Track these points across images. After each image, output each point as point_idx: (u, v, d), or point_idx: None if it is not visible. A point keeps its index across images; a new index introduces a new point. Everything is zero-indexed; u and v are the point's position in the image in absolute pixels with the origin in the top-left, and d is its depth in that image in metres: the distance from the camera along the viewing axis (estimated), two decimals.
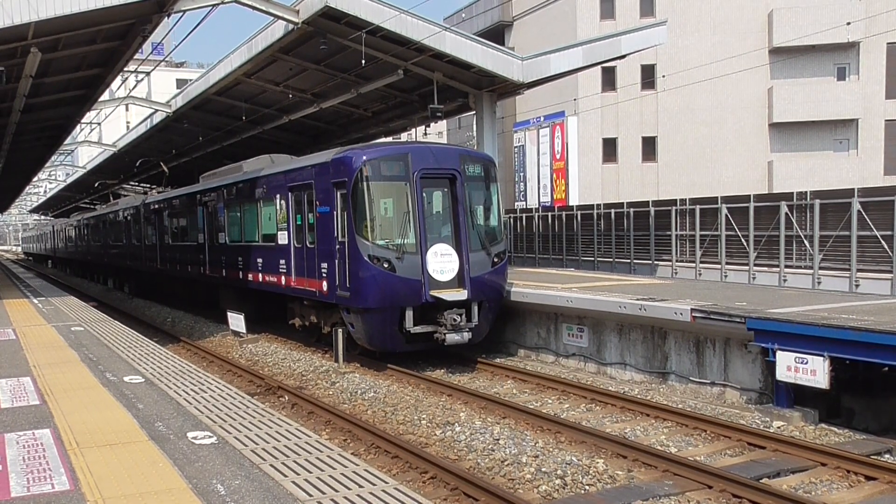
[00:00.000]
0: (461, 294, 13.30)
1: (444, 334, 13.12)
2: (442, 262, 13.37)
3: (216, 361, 15.59)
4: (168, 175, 32.17)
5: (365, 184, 13.30)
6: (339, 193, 13.78)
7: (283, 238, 16.36)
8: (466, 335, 13.30)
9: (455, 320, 13.10)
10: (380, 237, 13.33)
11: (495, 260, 13.97)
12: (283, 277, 16.38)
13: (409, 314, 13.22)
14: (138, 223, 29.60)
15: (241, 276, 19.11)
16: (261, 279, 17.75)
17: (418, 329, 13.32)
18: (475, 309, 13.60)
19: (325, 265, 14.32)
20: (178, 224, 25.24)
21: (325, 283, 14.35)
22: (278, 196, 16.55)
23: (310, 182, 14.99)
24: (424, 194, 13.56)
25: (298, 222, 15.62)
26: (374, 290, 13.08)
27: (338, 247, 13.81)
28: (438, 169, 13.74)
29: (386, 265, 13.04)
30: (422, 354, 14.29)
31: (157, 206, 27.16)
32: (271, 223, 17.07)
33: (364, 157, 13.45)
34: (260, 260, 17.78)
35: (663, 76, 30.25)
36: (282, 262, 16.36)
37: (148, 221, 28.30)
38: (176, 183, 32.65)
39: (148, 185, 41.54)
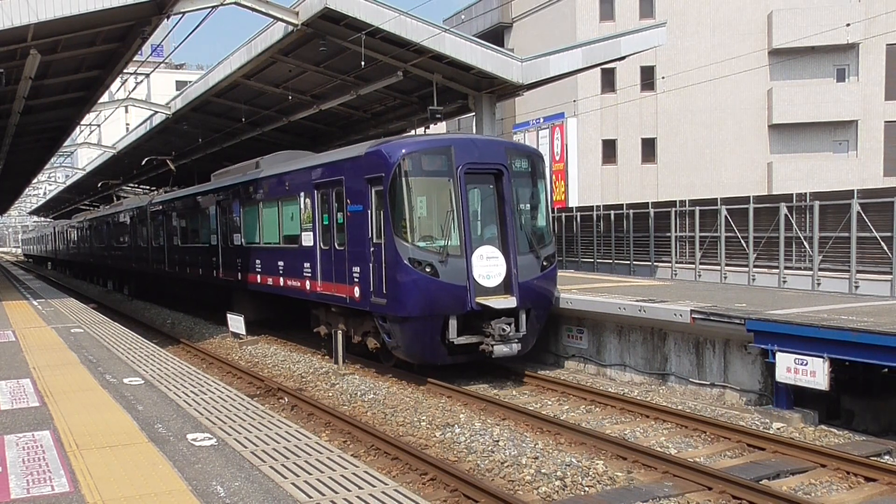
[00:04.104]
0: (510, 301, 12.18)
1: (492, 346, 12.02)
2: (488, 265, 12.25)
3: (216, 363, 15.58)
4: (175, 173, 31.34)
5: (404, 179, 12.11)
6: (373, 190, 12.66)
7: (307, 239, 15.26)
8: (515, 347, 12.21)
9: (504, 330, 11.99)
10: (421, 238, 12.16)
11: (544, 263, 12.82)
12: (307, 282, 15.28)
13: (453, 323, 12.10)
14: (144, 224, 28.86)
15: (259, 280, 18.06)
16: (282, 283, 16.65)
17: (462, 340, 12.20)
18: (523, 318, 12.49)
19: (357, 269, 13.24)
20: (188, 225, 24.30)
21: (356, 289, 13.25)
22: (302, 194, 15.42)
23: (339, 178, 13.84)
24: (468, 191, 12.46)
25: (325, 222, 14.51)
26: (414, 296, 11.94)
27: (372, 249, 12.70)
28: (483, 163, 12.57)
29: (428, 269, 11.89)
30: None
31: (165, 207, 26.24)
32: (294, 223, 16.00)
33: (403, 150, 12.25)
34: (281, 263, 16.68)
35: (663, 77, 30.26)
36: (306, 265, 15.28)
37: (155, 222, 27.49)
38: (175, 184, 32.57)
39: (148, 187, 41.50)
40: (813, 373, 9.48)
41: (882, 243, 16.15)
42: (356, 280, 13.28)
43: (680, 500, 7.46)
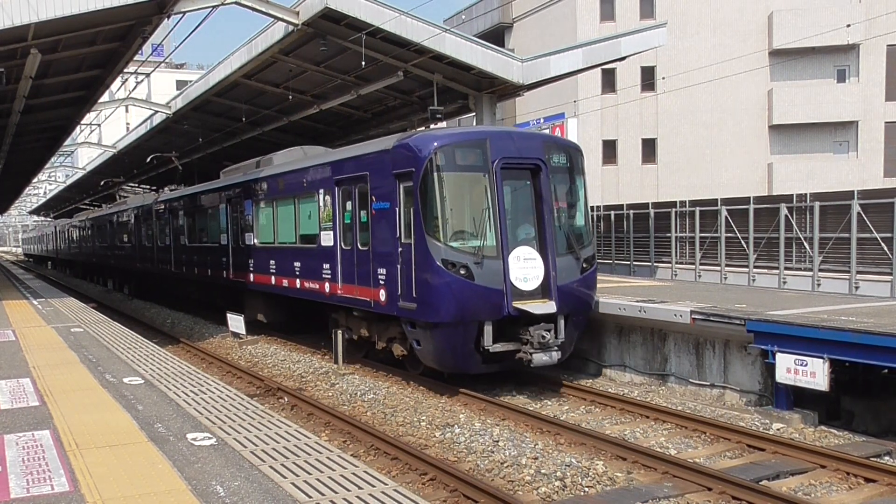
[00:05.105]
0: (549, 306, 11.38)
1: (531, 354, 11.28)
2: (525, 267, 11.47)
3: (216, 363, 15.59)
4: (181, 171, 30.64)
5: (436, 175, 11.32)
6: (402, 187, 11.88)
7: (326, 239, 14.49)
8: (555, 355, 11.47)
9: (544, 337, 11.28)
10: (454, 238, 11.37)
11: (584, 265, 12.07)
12: (326, 284, 14.49)
13: (488, 329, 11.34)
14: (150, 223, 28.27)
15: (273, 282, 17.26)
16: (298, 285, 15.85)
17: (498, 347, 11.45)
18: (562, 323, 11.74)
19: (383, 271, 12.45)
20: (197, 224, 23.53)
21: (382, 292, 12.47)
22: (322, 191, 14.62)
23: (363, 174, 13.02)
24: (504, 187, 11.70)
25: (347, 221, 13.72)
26: (448, 300, 11.14)
27: (401, 249, 11.91)
28: (520, 158, 11.80)
29: (463, 272, 11.10)
30: None
31: (172, 205, 25.58)
32: (312, 222, 15.20)
33: (435, 143, 11.45)
34: (297, 264, 15.88)
35: (663, 78, 30.25)
36: (325, 266, 14.49)
37: (161, 221, 26.89)
38: (177, 183, 32.49)
39: (149, 186, 41.46)
40: (813, 373, 9.48)
41: (882, 244, 16.16)
42: (382, 282, 12.52)
43: (679, 501, 7.46)
